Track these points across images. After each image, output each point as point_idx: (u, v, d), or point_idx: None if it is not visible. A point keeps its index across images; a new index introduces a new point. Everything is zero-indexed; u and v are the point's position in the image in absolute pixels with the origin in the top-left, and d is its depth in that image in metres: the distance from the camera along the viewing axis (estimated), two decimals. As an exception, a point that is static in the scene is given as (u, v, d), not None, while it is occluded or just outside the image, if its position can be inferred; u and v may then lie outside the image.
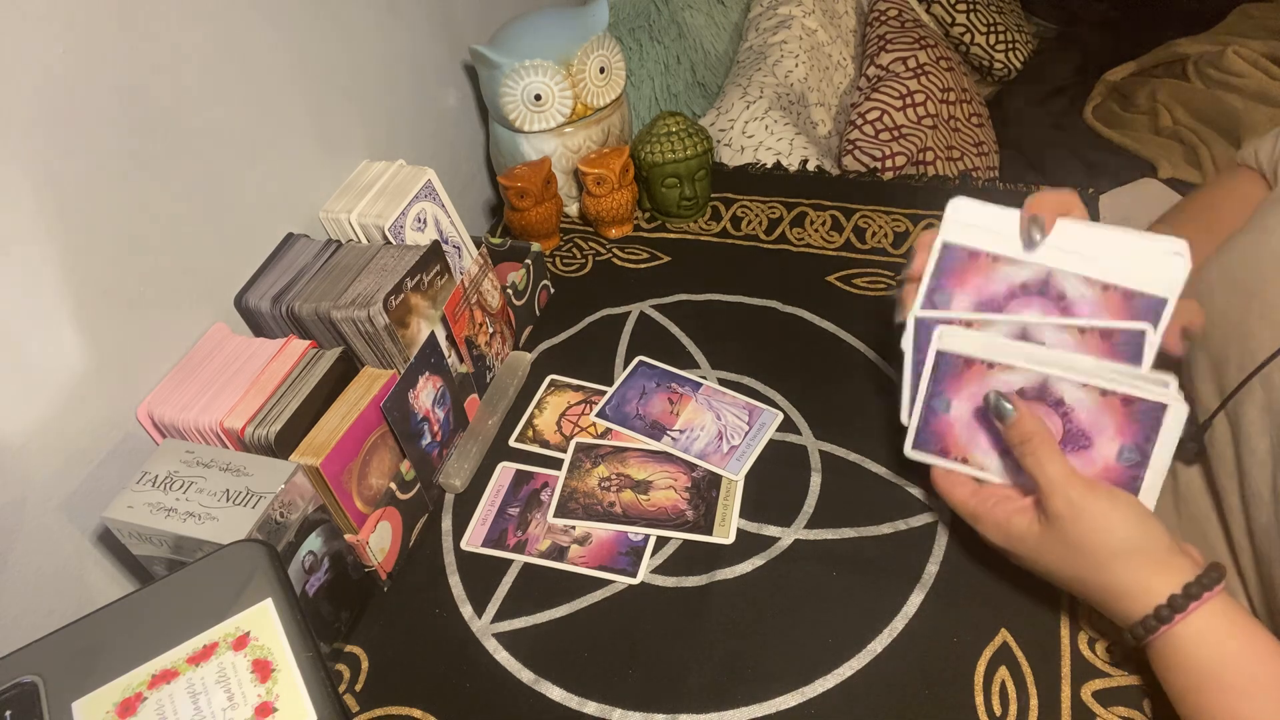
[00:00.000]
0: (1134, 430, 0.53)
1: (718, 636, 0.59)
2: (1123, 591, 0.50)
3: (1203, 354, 0.60)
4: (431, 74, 0.91)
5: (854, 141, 1.27)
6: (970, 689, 0.55)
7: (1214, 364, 0.59)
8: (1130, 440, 0.54)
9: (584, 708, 0.57)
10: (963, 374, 0.58)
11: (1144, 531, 0.50)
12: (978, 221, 0.59)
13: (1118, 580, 0.50)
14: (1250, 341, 0.56)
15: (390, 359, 0.66)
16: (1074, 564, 0.51)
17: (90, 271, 0.56)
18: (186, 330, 0.65)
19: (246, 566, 0.46)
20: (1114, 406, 0.53)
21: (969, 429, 0.58)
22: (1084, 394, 0.54)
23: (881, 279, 0.84)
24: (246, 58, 0.66)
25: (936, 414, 0.59)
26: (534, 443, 0.73)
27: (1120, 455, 0.54)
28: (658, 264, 0.90)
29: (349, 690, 0.59)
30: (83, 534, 0.59)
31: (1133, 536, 0.50)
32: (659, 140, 0.89)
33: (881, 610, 0.59)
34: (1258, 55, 1.60)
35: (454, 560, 0.66)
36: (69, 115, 0.53)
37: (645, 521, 0.66)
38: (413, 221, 0.74)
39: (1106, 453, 0.54)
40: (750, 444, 0.70)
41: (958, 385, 0.58)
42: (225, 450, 0.57)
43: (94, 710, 0.40)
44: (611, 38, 0.89)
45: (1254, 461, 0.55)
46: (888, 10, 1.51)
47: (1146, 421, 0.53)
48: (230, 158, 0.66)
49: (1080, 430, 0.55)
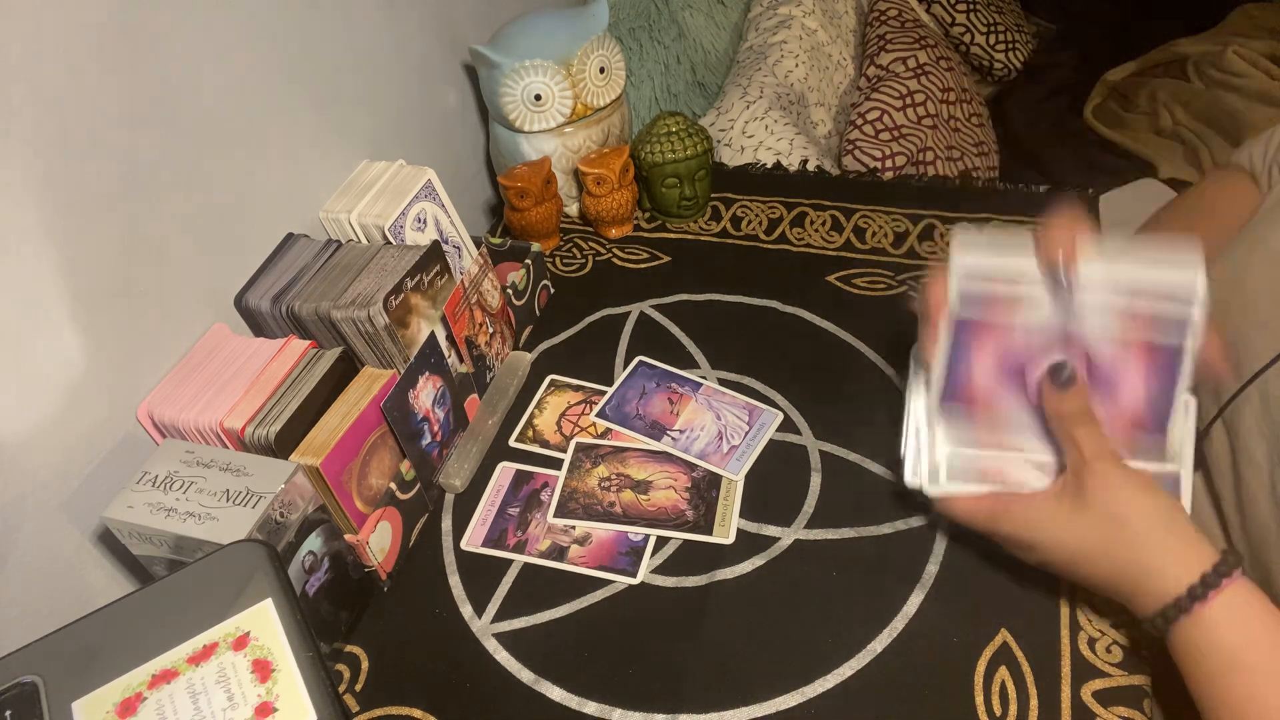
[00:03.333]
0: (1158, 378, 0.53)
1: (718, 636, 0.59)
2: (1156, 568, 0.49)
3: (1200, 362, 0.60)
4: (431, 74, 0.91)
5: (854, 141, 1.27)
6: (970, 689, 0.55)
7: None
8: (1156, 387, 0.53)
9: (584, 708, 0.57)
10: (986, 331, 0.56)
11: (1173, 513, 0.50)
12: (987, 274, 0.55)
13: (1151, 556, 0.49)
14: (1246, 349, 0.56)
15: (390, 359, 0.66)
16: (1107, 541, 0.51)
17: (90, 271, 0.56)
18: (186, 330, 0.65)
19: (246, 566, 0.46)
20: (1139, 352, 0.53)
21: (994, 389, 0.56)
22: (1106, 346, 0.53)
23: (881, 279, 0.84)
24: (247, 58, 0.66)
25: (960, 369, 0.57)
26: (534, 443, 0.73)
27: (1151, 402, 0.53)
28: (658, 264, 0.90)
29: (349, 690, 0.59)
30: (83, 534, 0.59)
31: (1165, 514, 0.50)
32: (659, 140, 0.89)
33: (881, 610, 0.59)
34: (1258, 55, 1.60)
35: (454, 560, 0.66)
36: (69, 116, 0.53)
37: (645, 521, 0.66)
38: (413, 221, 0.74)
39: (1132, 396, 0.53)
40: (750, 444, 0.70)
41: (981, 343, 0.56)
42: (225, 450, 0.57)
43: (94, 710, 0.40)
44: (611, 38, 0.89)
45: (1251, 468, 0.55)
46: (888, 10, 1.51)
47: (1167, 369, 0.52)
48: (230, 157, 0.66)
49: (1105, 377, 0.54)
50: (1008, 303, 0.55)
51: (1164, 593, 0.49)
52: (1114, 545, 0.50)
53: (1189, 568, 0.48)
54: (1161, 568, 0.49)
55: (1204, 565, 0.48)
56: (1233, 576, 0.48)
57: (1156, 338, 0.53)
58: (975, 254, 0.55)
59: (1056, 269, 0.53)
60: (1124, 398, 0.54)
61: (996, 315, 0.55)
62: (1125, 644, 0.56)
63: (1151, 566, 0.49)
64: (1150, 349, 0.53)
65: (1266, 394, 0.54)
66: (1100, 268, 0.53)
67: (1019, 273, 0.54)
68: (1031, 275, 0.54)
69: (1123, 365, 0.53)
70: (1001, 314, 0.55)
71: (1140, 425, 0.54)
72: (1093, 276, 0.53)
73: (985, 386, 0.57)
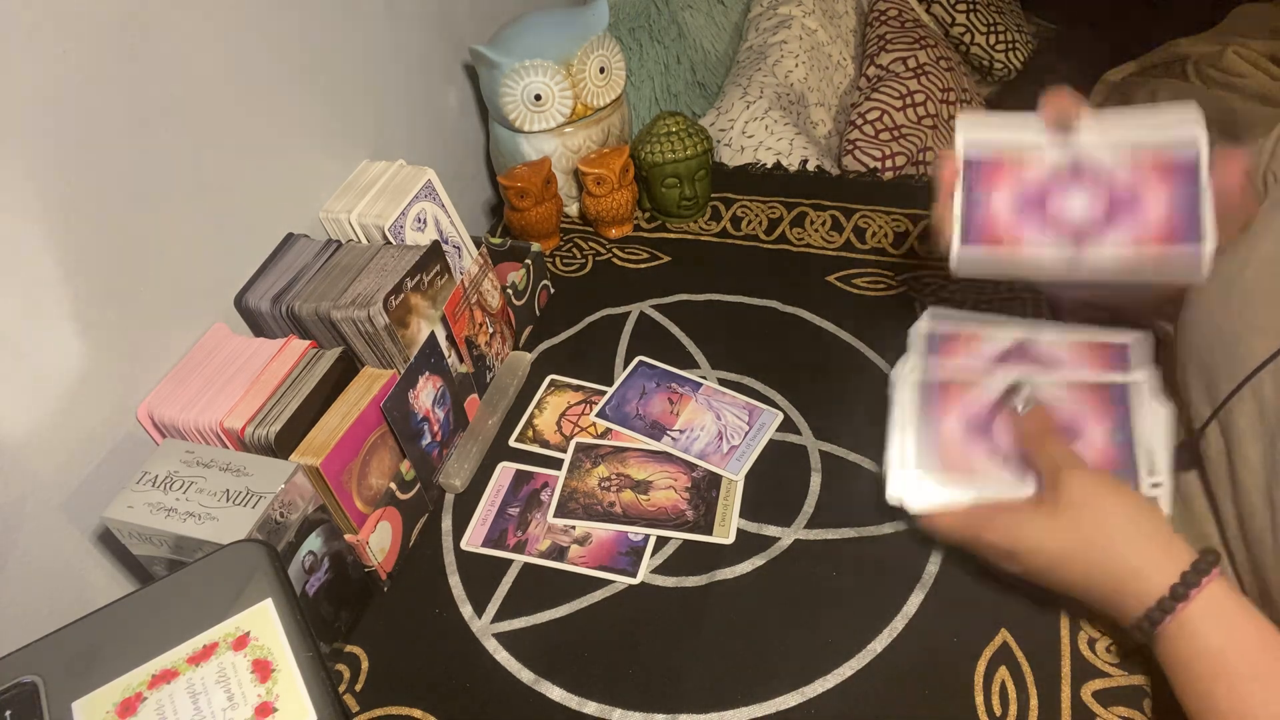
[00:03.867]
0: (1112, 413, 0.54)
1: (718, 636, 0.59)
2: (1135, 572, 0.50)
3: (1194, 362, 0.60)
4: (431, 74, 0.91)
5: (854, 141, 1.27)
6: (970, 689, 0.55)
7: (1205, 372, 0.59)
8: (1113, 423, 0.54)
9: (584, 708, 0.57)
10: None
11: (1150, 516, 0.51)
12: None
13: (1130, 557, 0.50)
14: (1241, 349, 0.56)
15: (390, 359, 0.66)
16: (1086, 550, 0.51)
17: (91, 272, 0.56)
18: (186, 330, 0.65)
19: (246, 566, 0.46)
20: (1089, 395, 0.54)
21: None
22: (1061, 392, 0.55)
23: (881, 279, 0.84)
24: (247, 58, 0.66)
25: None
26: (534, 443, 0.73)
27: (1112, 438, 0.55)
28: (658, 264, 0.90)
29: (349, 690, 0.59)
30: (83, 534, 0.59)
31: (1141, 520, 0.51)
32: (659, 140, 0.89)
33: (881, 610, 0.59)
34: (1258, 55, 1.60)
35: (454, 560, 0.66)
36: (70, 116, 0.53)
37: (645, 521, 0.66)
38: (413, 221, 0.74)
39: (1096, 439, 0.55)
40: (750, 444, 0.70)
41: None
42: (225, 450, 0.57)
43: (94, 710, 0.40)
44: (611, 38, 0.89)
45: (1246, 469, 0.55)
46: (888, 10, 1.51)
47: (1119, 403, 0.54)
48: (231, 158, 0.66)
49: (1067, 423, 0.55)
50: (1017, 157, 0.56)
51: (1146, 594, 0.49)
52: (1093, 548, 0.51)
53: (1168, 567, 0.49)
54: (1141, 567, 0.50)
55: (1182, 564, 0.48)
56: (1212, 574, 0.48)
57: (1169, 154, 0.54)
58: (980, 129, 0.57)
59: (1063, 120, 0.54)
60: (1149, 213, 0.54)
61: (1007, 160, 0.57)
62: (1125, 644, 0.56)
63: (1131, 567, 0.50)
64: (1166, 165, 0.53)
65: (1261, 395, 0.54)
66: (1102, 124, 0.55)
67: (1025, 133, 0.56)
68: (1037, 133, 0.56)
69: (1142, 184, 0.54)
70: (1012, 160, 0.57)
71: (1171, 237, 0.54)
72: (1096, 131, 0.55)
73: (1005, 220, 0.57)
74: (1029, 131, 0.56)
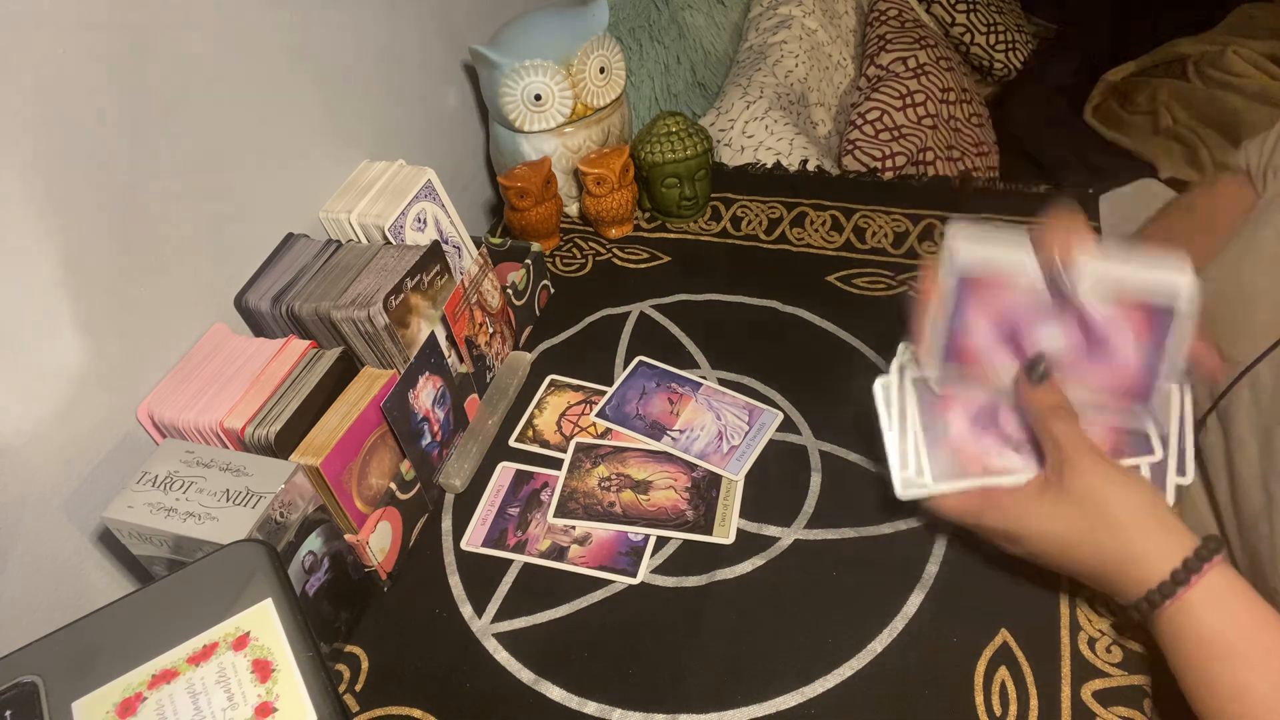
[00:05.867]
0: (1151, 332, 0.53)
1: (718, 636, 0.59)
2: (1138, 554, 0.50)
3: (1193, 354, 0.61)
4: (431, 74, 0.91)
5: (854, 141, 1.28)
6: (970, 689, 0.55)
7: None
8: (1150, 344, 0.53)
9: (584, 708, 0.57)
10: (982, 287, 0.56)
11: (1154, 499, 0.51)
12: (983, 266, 0.55)
13: (1133, 543, 0.50)
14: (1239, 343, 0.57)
15: (390, 359, 0.66)
16: (1089, 530, 0.51)
17: (90, 272, 0.56)
18: (186, 330, 0.65)
19: (246, 566, 0.46)
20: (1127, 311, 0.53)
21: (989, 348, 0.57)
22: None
23: (881, 279, 0.84)
24: (247, 58, 0.66)
25: (957, 337, 0.57)
26: (534, 443, 0.73)
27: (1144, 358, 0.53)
28: (658, 264, 0.90)
29: (349, 690, 0.59)
30: (83, 534, 0.59)
31: (1145, 502, 0.51)
32: (659, 140, 0.89)
33: (881, 610, 0.59)
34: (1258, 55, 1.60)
35: (454, 560, 0.66)
36: (69, 116, 0.53)
37: (645, 521, 0.66)
38: (413, 221, 0.74)
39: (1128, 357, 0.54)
40: (750, 444, 0.70)
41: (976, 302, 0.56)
42: (225, 450, 0.57)
43: (94, 710, 0.40)
44: (611, 38, 0.89)
45: (1243, 460, 0.56)
46: (888, 10, 1.51)
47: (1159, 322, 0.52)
48: (231, 158, 0.66)
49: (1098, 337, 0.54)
50: (1003, 280, 0.55)
51: (1147, 579, 0.49)
52: (1096, 533, 0.51)
53: (1171, 553, 0.49)
54: (1144, 553, 0.50)
55: (1185, 550, 0.48)
56: (1214, 561, 0.48)
57: (1149, 300, 0.53)
58: (970, 245, 0.55)
59: (1053, 267, 0.53)
60: (1117, 357, 0.54)
61: (991, 281, 0.56)
62: (1125, 644, 0.56)
63: (1134, 553, 0.50)
64: (1142, 310, 0.52)
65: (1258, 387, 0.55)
66: (1095, 266, 0.54)
67: (1015, 266, 0.55)
68: (1028, 269, 0.55)
69: (1116, 325, 0.53)
70: (996, 282, 0.55)
71: (1131, 390, 0.54)
72: (1087, 273, 0.54)
73: (981, 345, 0.57)
74: (1020, 253, 0.55)
